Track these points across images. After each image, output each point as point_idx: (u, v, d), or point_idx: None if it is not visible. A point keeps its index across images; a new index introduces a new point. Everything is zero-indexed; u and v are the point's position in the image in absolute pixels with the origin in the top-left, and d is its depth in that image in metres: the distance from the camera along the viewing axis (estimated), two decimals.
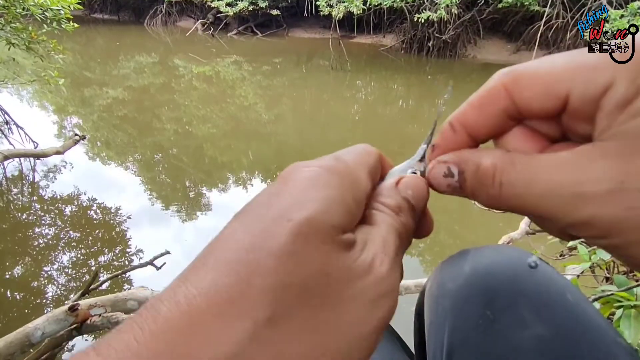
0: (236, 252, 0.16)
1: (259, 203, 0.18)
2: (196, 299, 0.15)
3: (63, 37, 4.03)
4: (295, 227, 0.16)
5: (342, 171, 0.19)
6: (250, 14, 13.01)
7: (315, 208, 0.17)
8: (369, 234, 0.19)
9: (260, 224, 0.16)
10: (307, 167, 0.19)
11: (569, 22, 9.23)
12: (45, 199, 3.57)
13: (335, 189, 0.18)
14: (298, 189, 0.17)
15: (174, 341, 0.14)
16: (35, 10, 3.22)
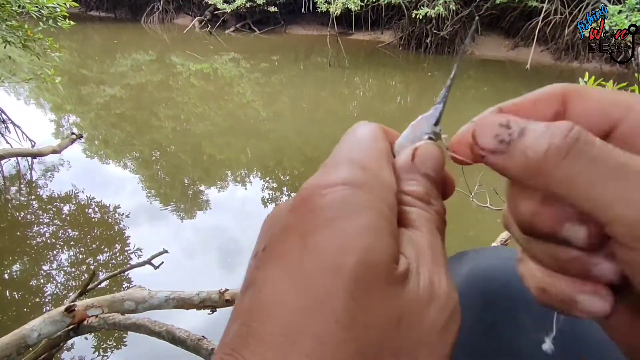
0: (293, 324, 0.13)
1: (292, 246, 0.15)
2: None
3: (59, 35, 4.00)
4: (351, 276, 0.14)
5: (371, 182, 0.16)
6: (248, 11, 12.95)
7: (364, 245, 0.14)
8: (415, 246, 0.16)
9: (309, 281, 0.14)
10: (332, 189, 0.15)
11: (567, 18, 9.22)
12: (43, 197, 3.56)
13: (373, 210, 0.15)
14: (335, 223, 0.14)
15: None
16: (31, 8, 3.20)
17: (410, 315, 0.14)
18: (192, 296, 1.44)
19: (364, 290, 0.14)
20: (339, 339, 0.13)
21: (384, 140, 0.19)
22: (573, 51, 9.34)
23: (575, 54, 9.31)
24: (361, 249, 0.14)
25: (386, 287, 0.14)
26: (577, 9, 9.09)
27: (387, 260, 0.14)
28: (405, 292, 0.14)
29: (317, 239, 0.14)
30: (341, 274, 0.14)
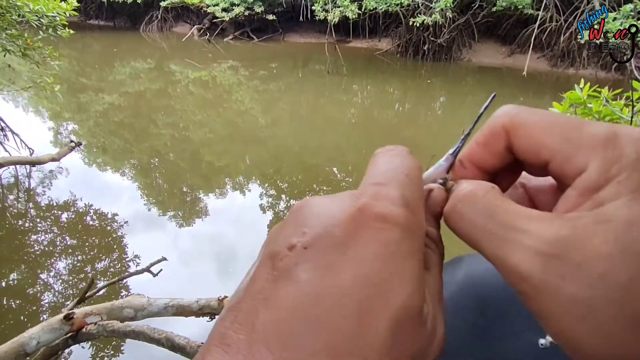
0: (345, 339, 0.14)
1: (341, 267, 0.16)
2: None
3: (59, 44, 4.03)
4: (396, 315, 0.15)
5: (417, 229, 0.17)
6: (246, 19, 13.05)
7: (409, 289, 0.15)
8: (430, 289, 0.18)
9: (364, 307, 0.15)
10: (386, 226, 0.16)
11: (563, 25, 9.31)
12: (41, 205, 3.55)
13: (416, 259, 0.16)
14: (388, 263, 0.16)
15: None
16: (30, 17, 3.22)
17: (422, 350, 0.16)
18: (191, 303, 1.44)
19: (402, 328, 0.15)
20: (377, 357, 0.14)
21: (421, 177, 0.20)
22: (569, 58, 9.42)
23: (571, 61, 9.39)
24: (407, 294, 0.15)
25: (415, 328, 0.16)
26: (572, 17, 9.19)
27: (419, 306, 0.16)
28: (424, 332, 0.16)
29: (372, 269, 0.15)
30: (389, 311, 0.15)
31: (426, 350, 0.16)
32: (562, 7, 9.41)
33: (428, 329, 0.16)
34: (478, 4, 9.88)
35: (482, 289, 0.35)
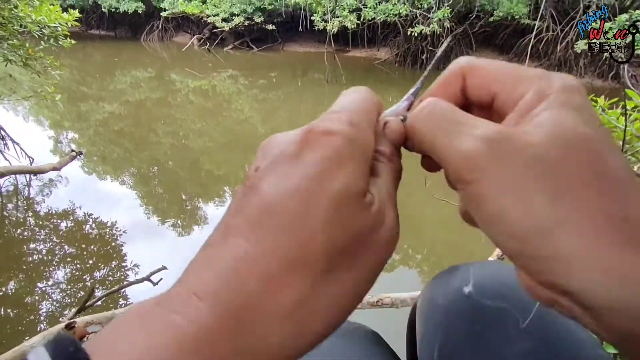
0: (292, 219, 0.19)
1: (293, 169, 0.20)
2: (263, 255, 0.18)
3: (60, 53, 4.07)
4: (338, 197, 0.19)
5: (360, 139, 0.21)
6: (246, 29, 13.16)
7: (349, 179, 0.20)
8: (377, 187, 0.22)
9: (304, 192, 0.19)
10: (333, 137, 0.21)
11: (559, 35, 9.41)
12: (40, 214, 3.55)
13: (357, 157, 0.21)
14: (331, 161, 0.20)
15: (246, 292, 0.18)
16: (32, 28, 3.25)
17: (367, 230, 0.20)
18: None
19: (342, 207, 0.19)
20: (323, 233, 0.19)
21: (376, 112, 0.25)
22: (566, 67, 9.50)
23: (568, 70, 9.47)
24: (346, 181, 0.20)
25: (356, 208, 0.20)
26: (568, 26, 9.28)
27: (360, 192, 0.20)
28: (367, 214, 0.20)
29: (317, 168, 0.20)
30: (330, 195, 0.19)
31: (376, 230, 0.20)
32: (558, 17, 9.51)
33: (373, 213, 0.20)
34: (475, 14, 9.99)
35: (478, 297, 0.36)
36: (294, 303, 0.18)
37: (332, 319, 0.19)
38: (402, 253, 3.13)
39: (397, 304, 1.48)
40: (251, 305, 0.17)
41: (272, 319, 0.18)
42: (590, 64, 9.17)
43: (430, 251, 3.16)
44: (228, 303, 0.17)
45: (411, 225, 3.36)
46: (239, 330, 0.17)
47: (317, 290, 0.19)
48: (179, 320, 0.17)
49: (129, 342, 0.17)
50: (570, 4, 9.66)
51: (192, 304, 0.17)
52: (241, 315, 0.17)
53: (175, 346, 0.16)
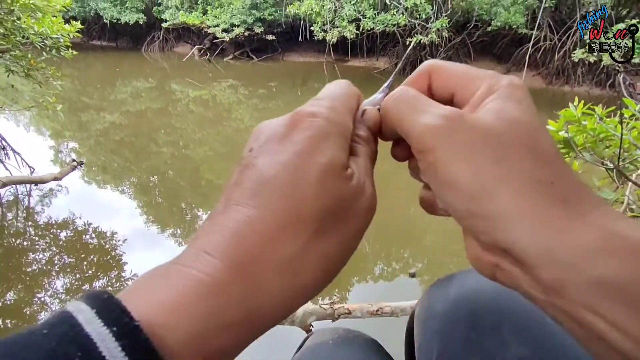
0: (286, 187, 0.22)
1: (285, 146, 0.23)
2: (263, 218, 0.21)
3: (62, 64, 4.10)
4: (323, 168, 0.23)
5: (339, 121, 0.25)
6: (246, 39, 13.28)
7: (331, 153, 0.23)
8: (357, 165, 0.25)
9: (295, 165, 0.23)
10: (314, 119, 0.24)
11: (557, 44, 9.49)
12: (40, 224, 3.55)
13: (337, 136, 0.24)
14: (316, 138, 0.23)
15: (250, 248, 0.21)
16: (35, 39, 3.28)
17: (349, 198, 0.24)
18: None
19: (328, 176, 0.23)
20: (313, 198, 0.22)
21: (356, 101, 0.29)
22: (564, 75, 9.56)
23: (566, 78, 9.53)
24: (330, 155, 0.23)
25: (339, 179, 0.23)
26: (565, 36, 9.37)
27: (342, 165, 0.24)
28: (348, 185, 0.24)
29: (304, 145, 0.23)
30: (317, 166, 0.23)
31: (357, 199, 0.24)
32: (555, 27, 9.60)
33: (354, 184, 0.24)
34: (473, 23, 10.09)
35: (474, 303, 0.36)
36: (289, 257, 0.21)
37: (320, 274, 0.23)
38: (403, 262, 3.12)
39: (397, 312, 1.48)
40: (254, 259, 0.20)
41: (271, 270, 0.21)
42: (588, 72, 9.23)
43: (431, 260, 3.15)
44: (235, 258, 0.20)
45: (412, 234, 3.36)
46: (245, 279, 0.20)
47: (309, 247, 0.22)
48: (195, 273, 0.20)
49: (158, 291, 0.19)
50: (567, 14, 9.77)
51: (206, 260, 0.20)
52: (246, 267, 0.20)
53: (196, 293, 0.19)
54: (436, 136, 0.23)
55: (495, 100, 0.23)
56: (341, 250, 0.24)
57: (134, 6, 14.39)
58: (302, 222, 0.22)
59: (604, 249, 0.18)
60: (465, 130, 0.22)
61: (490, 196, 0.21)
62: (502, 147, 0.22)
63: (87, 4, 14.37)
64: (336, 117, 0.25)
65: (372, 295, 2.68)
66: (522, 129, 0.22)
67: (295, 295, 0.22)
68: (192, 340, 0.18)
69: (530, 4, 9.29)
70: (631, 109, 1.34)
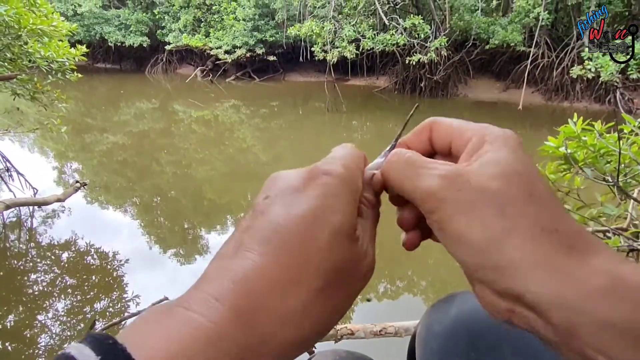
0: (297, 240, 0.22)
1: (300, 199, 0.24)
2: (270, 268, 0.22)
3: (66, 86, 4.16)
4: (335, 227, 0.23)
5: (352, 181, 0.26)
6: (248, 60, 13.50)
7: (344, 214, 0.24)
8: (362, 227, 0.26)
9: (309, 223, 0.23)
10: (330, 176, 0.25)
11: (555, 61, 9.60)
12: (42, 245, 3.54)
13: (350, 196, 0.25)
14: (330, 197, 0.24)
15: (256, 298, 0.21)
16: (41, 63, 3.35)
17: (355, 259, 0.24)
18: None
19: (338, 237, 0.23)
20: (321, 256, 0.22)
21: (362, 160, 0.30)
22: (563, 91, 9.64)
23: (565, 94, 9.61)
24: (341, 215, 0.24)
25: (348, 240, 0.24)
26: (563, 52, 9.50)
27: (352, 226, 0.24)
28: (356, 247, 0.24)
29: (319, 201, 0.24)
30: (329, 227, 0.23)
31: (360, 262, 0.25)
32: (552, 44, 9.74)
33: (359, 247, 0.25)
34: (472, 42, 10.25)
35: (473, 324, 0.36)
36: (294, 309, 0.22)
37: (320, 326, 0.23)
38: (407, 280, 3.09)
39: (400, 332, 1.45)
40: (259, 309, 0.21)
41: (276, 321, 0.21)
42: (586, 88, 9.31)
43: (435, 278, 3.12)
44: (241, 307, 0.20)
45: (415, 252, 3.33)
46: (249, 328, 0.20)
47: (314, 302, 0.22)
48: (199, 318, 0.20)
49: (162, 337, 0.19)
50: (564, 31, 9.93)
51: (211, 305, 0.20)
52: (251, 317, 0.20)
53: (202, 342, 0.19)
54: (437, 196, 0.24)
55: (490, 152, 0.25)
56: (341, 307, 0.24)
57: (138, 30, 14.72)
58: (310, 277, 0.22)
59: (611, 294, 0.19)
60: (466, 187, 0.23)
61: (498, 248, 0.22)
62: (504, 199, 0.22)
63: (92, 28, 14.71)
64: (349, 177, 0.26)
65: (376, 314, 2.65)
66: (520, 179, 0.23)
67: (296, 346, 0.22)
68: None
69: (527, 22, 9.45)
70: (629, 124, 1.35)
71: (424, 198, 0.24)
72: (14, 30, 3.08)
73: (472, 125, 0.27)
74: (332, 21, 10.20)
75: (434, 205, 0.24)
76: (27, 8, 3.15)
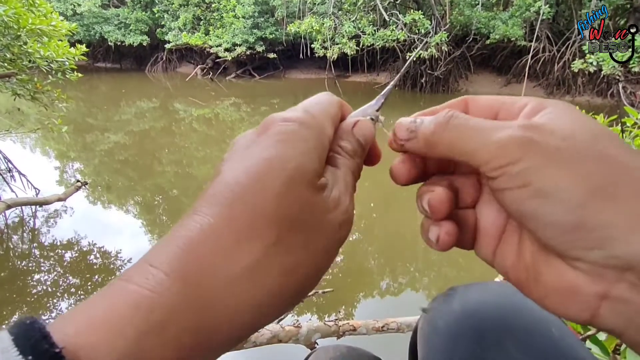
0: (245, 194, 0.20)
1: (252, 151, 0.22)
2: (217, 228, 0.20)
3: (67, 86, 4.16)
4: (288, 174, 0.21)
5: (314, 125, 0.23)
6: (248, 58, 13.47)
7: (301, 160, 0.22)
8: (335, 176, 0.24)
9: (258, 170, 0.21)
10: (286, 123, 0.23)
11: (555, 55, 9.55)
12: (45, 245, 3.55)
13: (311, 142, 0.23)
14: (285, 142, 0.22)
15: (200, 260, 0.19)
16: (41, 63, 3.35)
17: (319, 210, 0.22)
18: None
19: (295, 184, 0.21)
20: (273, 207, 0.20)
21: (337, 108, 0.27)
22: (564, 85, 9.60)
23: (567, 88, 9.57)
24: (299, 161, 0.22)
25: (307, 187, 0.22)
26: (564, 46, 9.44)
27: (311, 172, 0.22)
28: (319, 196, 0.22)
29: (270, 149, 0.22)
30: (283, 172, 0.21)
31: (328, 212, 0.22)
32: (554, 38, 9.69)
33: (326, 195, 0.22)
34: (472, 37, 10.19)
35: (477, 319, 0.36)
36: (244, 269, 0.19)
37: (283, 289, 0.21)
38: (409, 276, 3.09)
39: (403, 328, 1.45)
40: (204, 271, 0.19)
41: (224, 283, 0.19)
42: (588, 82, 9.27)
43: (437, 273, 3.11)
44: (183, 270, 0.19)
45: (417, 247, 3.33)
46: (193, 293, 0.18)
47: (268, 259, 0.20)
48: (135, 288, 0.18)
49: (92, 310, 0.18)
50: (565, 25, 9.87)
51: (149, 273, 0.19)
52: (195, 280, 0.19)
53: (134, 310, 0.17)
54: (523, 146, 0.20)
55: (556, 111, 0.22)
56: (309, 266, 0.22)
57: (138, 29, 14.70)
58: (261, 230, 0.20)
59: None
60: (553, 137, 0.20)
61: (604, 202, 0.18)
62: (599, 148, 0.19)
63: (91, 27, 14.69)
64: (311, 121, 0.23)
65: (378, 310, 2.65)
66: (605, 132, 0.20)
67: (255, 311, 0.20)
68: None
69: (527, 17, 9.39)
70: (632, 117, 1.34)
71: (503, 149, 0.21)
72: (13, 31, 3.08)
73: (519, 97, 0.25)
74: (331, 18, 10.16)
75: (517, 155, 0.20)
76: (26, 8, 3.15)
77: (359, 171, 0.26)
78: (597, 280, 0.18)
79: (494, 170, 0.21)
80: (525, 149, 0.20)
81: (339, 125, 0.27)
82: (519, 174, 0.20)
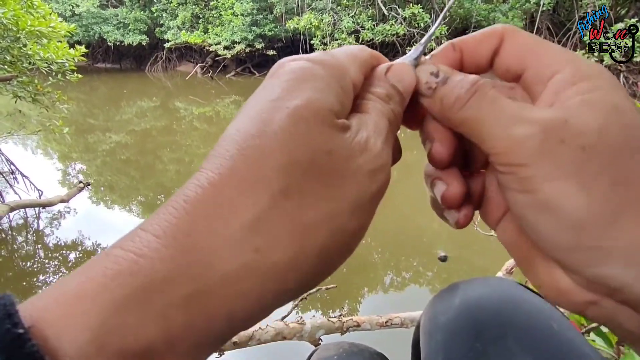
0: (244, 140, 0.18)
1: (256, 97, 0.20)
2: (218, 181, 0.17)
3: (67, 87, 4.16)
4: (293, 111, 0.18)
5: (329, 63, 0.20)
6: (247, 56, 13.45)
7: (308, 95, 0.19)
8: (362, 120, 0.20)
9: (262, 113, 0.18)
10: (294, 61, 0.21)
11: None
12: (49, 246, 3.57)
13: (326, 78, 0.20)
14: (293, 81, 0.19)
15: (196, 218, 0.17)
16: (41, 64, 3.35)
17: (342, 153, 0.19)
18: None
19: (304, 122, 0.18)
20: (277, 150, 0.17)
21: (368, 55, 0.24)
22: None
23: None
24: (306, 96, 0.19)
25: (321, 126, 0.18)
26: (565, 37, 9.39)
27: (325, 109, 0.19)
28: (340, 137, 0.19)
29: (274, 90, 0.19)
30: (285, 110, 0.18)
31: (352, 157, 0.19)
32: (554, 29, 9.63)
33: (348, 137, 0.19)
34: (472, 29, 10.14)
35: (478, 314, 0.36)
36: (247, 225, 0.17)
37: (297, 250, 0.17)
38: (412, 271, 3.10)
39: (407, 323, 1.46)
40: (202, 230, 0.16)
41: (225, 242, 0.16)
42: None
43: (441, 268, 3.12)
44: (175, 231, 0.16)
45: (421, 241, 3.34)
46: (189, 255, 0.16)
47: (279, 212, 0.17)
48: (120, 253, 0.16)
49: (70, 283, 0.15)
50: (566, 16, 9.80)
51: (138, 237, 0.16)
52: (190, 240, 0.16)
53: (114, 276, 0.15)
54: (534, 150, 0.18)
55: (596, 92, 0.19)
56: (335, 222, 0.18)
57: (137, 28, 14.68)
58: (264, 178, 0.17)
59: None
60: (573, 143, 0.18)
61: (607, 225, 0.17)
62: (623, 161, 0.17)
63: (90, 28, 14.68)
64: (329, 60, 0.21)
65: (382, 305, 2.66)
66: None
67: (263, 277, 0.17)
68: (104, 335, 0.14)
69: (528, 8, 9.33)
70: None
71: (513, 148, 0.19)
72: (12, 33, 3.08)
73: (561, 52, 0.21)
74: (330, 13, 10.13)
75: (525, 159, 0.18)
76: (25, 10, 3.15)
77: (396, 120, 0.22)
78: (588, 291, 0.18)
79: (502, 165, 0.20)
80: (539, 155, 0.18)
81: (371, 72, 0.24)
82: (526, 179, 0.19)
